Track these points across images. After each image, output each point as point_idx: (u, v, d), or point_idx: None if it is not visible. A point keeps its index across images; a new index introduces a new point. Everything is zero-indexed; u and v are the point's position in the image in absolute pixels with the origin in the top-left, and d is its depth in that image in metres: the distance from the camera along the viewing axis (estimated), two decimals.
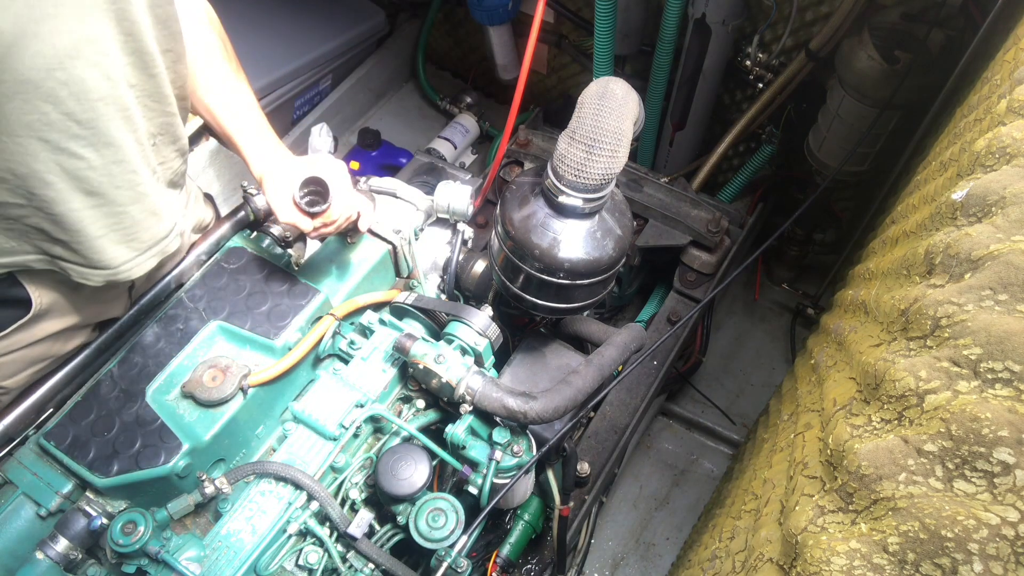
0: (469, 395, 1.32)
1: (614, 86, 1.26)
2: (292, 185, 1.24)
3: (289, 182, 1.25)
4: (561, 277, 1.39)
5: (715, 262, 2.18)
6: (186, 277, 1.47)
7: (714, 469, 2.55)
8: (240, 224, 1.55)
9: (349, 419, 1.34)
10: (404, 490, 1.26)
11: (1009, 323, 0.75)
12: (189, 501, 1.23)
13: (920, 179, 1.48)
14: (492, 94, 3.38)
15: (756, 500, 1.40)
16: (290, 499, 1.26)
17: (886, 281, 1.24)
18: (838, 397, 1.12)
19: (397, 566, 1.28)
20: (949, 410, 0.76)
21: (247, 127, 1.31)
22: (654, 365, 2.00)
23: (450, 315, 1.48)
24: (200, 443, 1.25)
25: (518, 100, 1.89)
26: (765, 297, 2.91)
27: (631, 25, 2.42)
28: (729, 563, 1.31)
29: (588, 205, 1.30)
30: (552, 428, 1.47)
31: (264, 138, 1.32)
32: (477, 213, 2.04)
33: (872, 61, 1.91)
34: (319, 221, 1.26)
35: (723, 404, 2.63)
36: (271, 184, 1.28)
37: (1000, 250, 0.81)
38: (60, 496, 1.26)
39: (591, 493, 1.79)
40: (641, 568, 2.38)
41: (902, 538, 0.74)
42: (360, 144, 3.08)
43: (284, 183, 1.26)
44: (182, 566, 1.17)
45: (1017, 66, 1.09)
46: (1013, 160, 0.90)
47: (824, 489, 0.98)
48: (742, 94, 2.59)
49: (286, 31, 2.86)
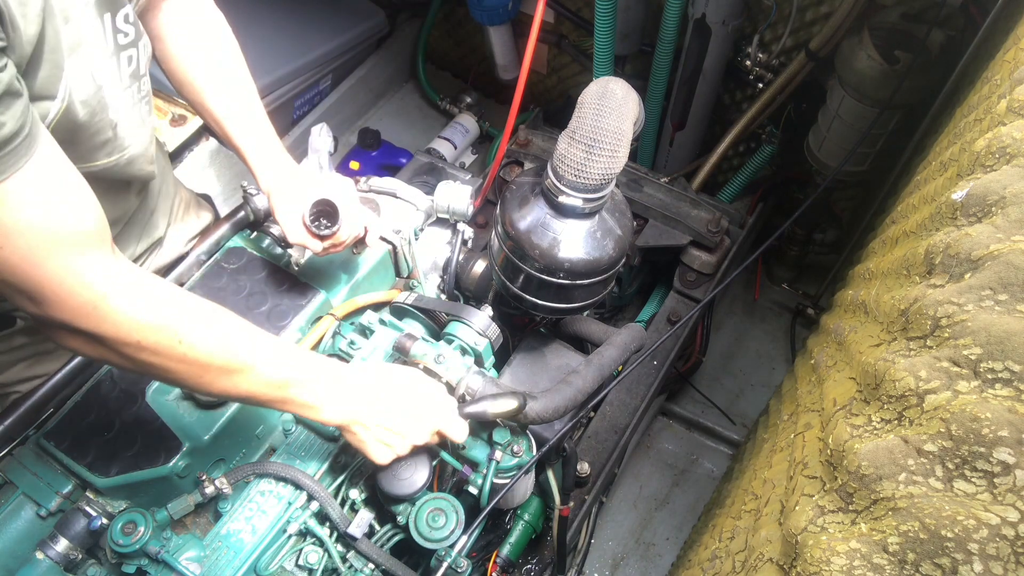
0: (469, 395, 1.32)
1: (614, 86, 1.26)
2: (302, 206, 1.24)
3: (298, 203, 1.25)
4: (561, 277, 1.39)
5: (715, 262, 2.18)
6: (186, 277, 1.47)
7: (714, 469, 2.55)
8: (240, 224, 1.55)
9: None
10: (404, 490, 1.25)
11: (1009, 323, 0.75)
12: (189, 501, 1.23)
13: (920, 179, 1.48)
14: (492, 94, 3.38)
15: (756, 500, 1.40)
16: (290, 499, 1.26)
17: (886, 281, 1.24)
18: (838, 397, 1.12)
19: (397, 566, 1.28)
20: (949, 410, 0.76)
21: (256, 140, 1.30)
22: (654, 365, 2.00)
23: (450, 315, 1.48)
24: (200, 443, 1.25)
25: (518, 100, 1.89)
26: (765, 297, 2.91)
27: (631, 25, 2.42)
28: (729, 563, 1.31)
29: (588, 205, 1.30)
30: (552, 428, 1.47)
31: (272, 152, 1.31)
32: (477, 213, 2.04)
33: (872, 61, 1.91)
34: (328, 243, 1.27)
35: (723, 404, 2.63)
36: (280, 204, 1.28)
37: (1000, 250, 0.81)
38: (60, 496, 1.26)
39: (591, 493, 1.79)
40: (641, 568, 2.38)
41: (902, 538, 0.74)
42: (360, 144, 3.08)
43: (294, 204, 1.26)
44: (182, 566, 1.17)
45: (1017, 66, 1.09)
46: (1013, 160, 0.90)
47: (824, 489, 0.98)
48: (742, 94, 2.59)
49: (286, 31, 2.86)
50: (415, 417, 1.17)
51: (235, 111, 1.30)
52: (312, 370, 1.09)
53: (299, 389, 1.07)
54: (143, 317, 0.91)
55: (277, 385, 1.05)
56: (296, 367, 1.07)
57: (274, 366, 1.04)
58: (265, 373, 1.03)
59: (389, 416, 1.14)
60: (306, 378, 1.07)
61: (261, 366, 1.02)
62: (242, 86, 1.31)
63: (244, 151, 1.30)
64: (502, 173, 2.35)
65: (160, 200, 1.45)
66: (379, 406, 1.14)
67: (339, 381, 1.12)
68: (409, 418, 1.16)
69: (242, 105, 1.30)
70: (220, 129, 1.31)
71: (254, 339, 1.03)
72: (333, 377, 1.11)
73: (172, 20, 1.27)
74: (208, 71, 1.29)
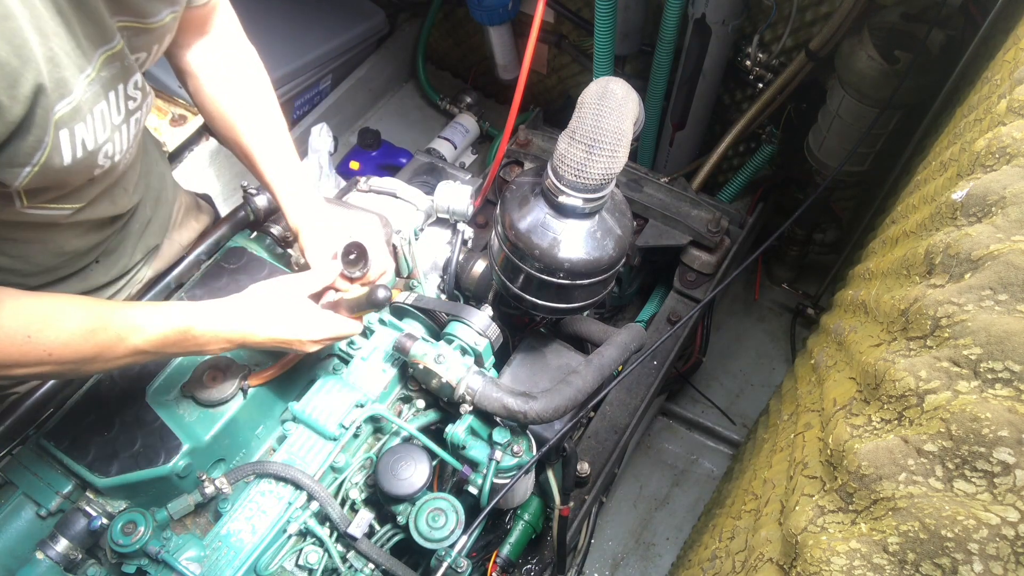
0: (469, 395, 1.32)
1: (614, 86, 1.26)
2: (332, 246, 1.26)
3: (328, 243, 1.27)
4: (561, 277, 1.39)
5: (715, 262, 2.18)
6: (186, 277, 1.47)
7: (714, 469, 2.55)
8: (240, 224, 1.55)
9: (349, 419, 1.34)
10: (404, 490, 1.26)
11: (1009, 323, 0.75)
12: (189, 501, 1.23)
13: (920, 179, 1.48)
14: (492, 94, 3.38)
15: (756, 500, 1.40)
16: (290, 499, 1.26)
17: (886, 281, 1.24)
18: (838, 397, 1.12)
19: (397, 566, 1.28)
20: (949, 410, 0.76)
21: (288, 181, 1.32)
22: (654, 365, 2.00)
23: (450, 315, 1.48)
24: (200, 443, 1.25)
25: (518, 100, 1.89)
26: (765, 297, 2.91)
27: (631, 25, 2.42)
28: (729, 563, 1.31)
29: (588, 205, 1.30)
30: (552, 428, 1.47)
31: (303, 192, 1.32)
32: (477, 213, 2.04)
33: (872, 61, 1.91)
34: (357, 284, 1.29)
35: (723, 404, 2.63)
36: (311, 245, 1.28)
37: (1000, 250, 0.81)
38: (60, 496, 1.26)
39: (591, 493, 1.79)
40: (641, 568, 2.38)
41: (902, 538, 0.74)
42: (360, 144, 3.08)
43: (323, 244, 1.28)
44: (182, 566, 1.17)
45: (1017, 66, 1.09)
46: (1013, 160, 0.90)
47: (824, 489, 0.98)
48: (742, 94, 2.59)
49: (286, 31, 2.86)
50: (302, 322, 1.18)
51: (268, 151, 1.31)
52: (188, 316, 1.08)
53: (183, 337, 1.07)
54: (6, 357, 0.91)
55: (159, 345, 1.05)
56: (169, 321, 1.06)
57: (142, 334, 1.03)
58: (140, 341, 1.02)
59: (284, 321, 1.16)
60: (189, 324, 1.07)
61: (132, 338, 1.01)
62: (275, 125, 1.32)
63: (276, 191, 1.32)
64: (502, 173, 2.35)
65: (159, 209, 1.44)
66: (274, 318, 1.15)
67: (242, 307, 1.14)
68: (298, 320, 1.17)
69: (275, 144, 1.32)
70: (251, 165, 1.33)
71: (111, 318, 1.00)
72: (235, 307, 1.13)
73: (205, 59, 1.28)
74: (242, 111, 1.30)
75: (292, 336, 1.16)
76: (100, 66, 0.95)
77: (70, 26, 0.87)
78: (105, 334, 0.98)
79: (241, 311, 1.14)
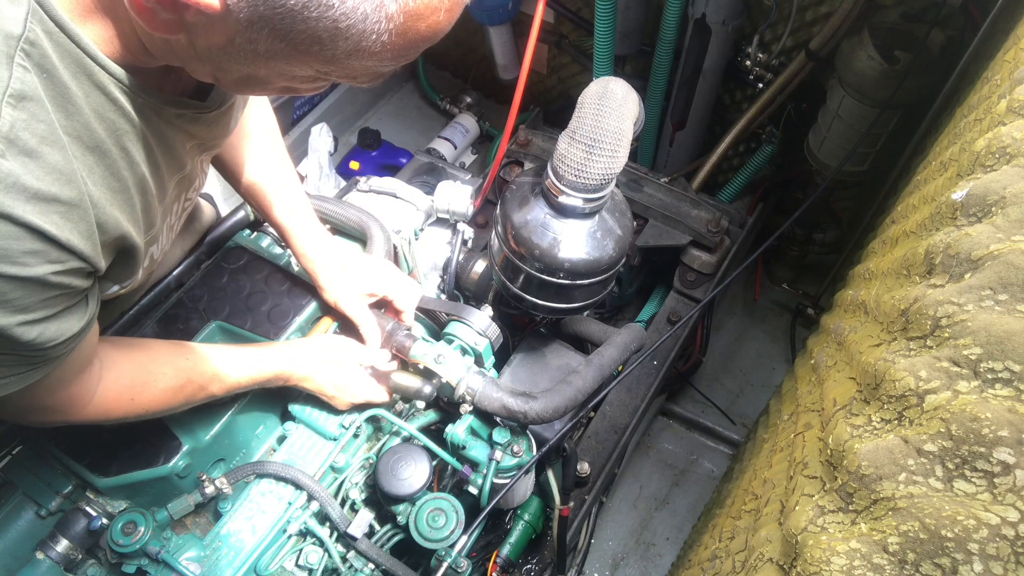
0: (469, 395, 1.32)
1: (614, 86, 1.26)
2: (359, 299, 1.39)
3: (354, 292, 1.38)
4: (561, 277, 1.39)
5: (715, 262, 2.18)
6: (186, 277, 1.47)
7: (714, 469, 2.55)
8: (240, 224, 1.55)
9: (349, 419, 1.34)
10: (404, 490, 1.26)
11: (1009, 323, 0.75)
12: (189, 501, 1.23)
13: (920, 179, 1.48)
14: (492, 94, 3.38)
15: (756, 500, 1.40)
16: (290, 499, 1.26)
17: (886, 281, 1.24)
18: (838, 397, 1.12)
19: (397, 566, 1.28)
20: (949, 410, 0.76)
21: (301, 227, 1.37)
22: (654, 365, 2.00)
23: (450, 315, 1.48)
24: (200, 443, 1.25)
25: (518, 100, 1.89)
26: (765, 297, 2.91)
27: (631, 25, 2.41)
28: (729, 563, 1.31)
29: (588, 205, 1.30)
30: (552, 428, 1.47)
31: (318, 239, 1.38)
32: (477, 213, 2.04)
33: (872, 61, 1.91)
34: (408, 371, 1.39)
35: (723, 404, 2.63)
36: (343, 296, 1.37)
37: (1000, 250, 0.81)
38: (60, 496, 1.26)
39: (591, 493, 1.79)
40: (641, 568, 2.38)
41: (902, 538, 0.74)
42: (360, 144, 3.08)
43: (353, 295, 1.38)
44: (182, 566, 1.17)
45: (1017, 66, 1.09)
46: (1013, 160, 0.90)
47: (824, 489, 0.98)
48: (742, 94, 2.59)
49: None
50: (346, 384, 1.33)
51: (294, 217, 1.36)
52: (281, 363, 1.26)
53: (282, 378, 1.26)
54: (113, 415, 1.05)
55: (233, 389, 1.20)
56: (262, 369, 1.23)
57: (220, 384, 1.17)
58: (218, 389, 1.17)
59: (332, 379, 1.32)
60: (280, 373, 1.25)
61: (212, 387, 1.16)
62: (295, 188, 1.37)
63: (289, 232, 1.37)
64: (502, 173, 2.35)
65: None
66: (326, 373, 1.31)
67: (303, 358, 1.29)
68: (344, 381, 1.33)
69: (297, 209, 1.37)
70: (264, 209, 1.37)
71: (192, 373, 1.13)
72: (297, 356, 1.29)
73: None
74: (265, 178, 1.33)
75: (336, 394, 1.32)
76: (172, 189, 0.97)
77: (158, 171, 0.88)
78: (191, 387, 1.12)
79: (306, 361, 1.29)
